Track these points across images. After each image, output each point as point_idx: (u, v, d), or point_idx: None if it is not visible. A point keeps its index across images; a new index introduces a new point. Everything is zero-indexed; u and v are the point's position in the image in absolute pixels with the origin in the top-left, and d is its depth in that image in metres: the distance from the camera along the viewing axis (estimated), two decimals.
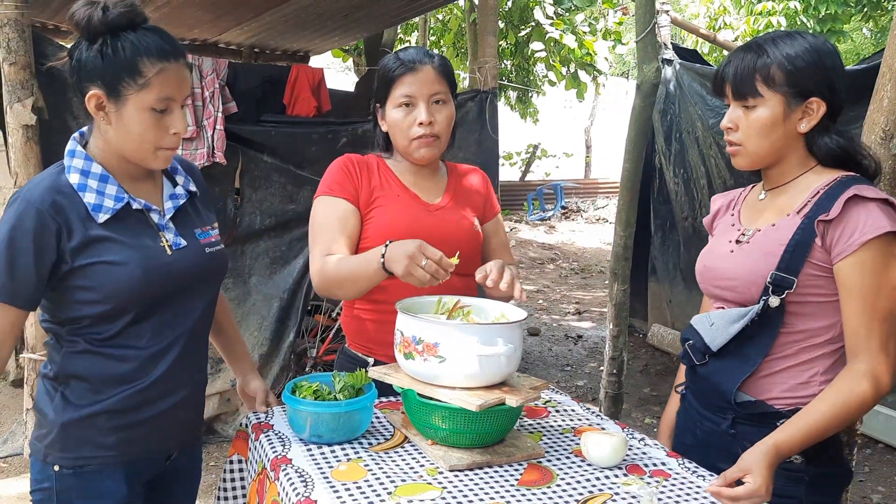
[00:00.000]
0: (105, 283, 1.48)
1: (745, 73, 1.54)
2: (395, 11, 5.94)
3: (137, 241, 1.53)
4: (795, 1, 9.73)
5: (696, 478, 1.49)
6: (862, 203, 1.46)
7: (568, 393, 5.18)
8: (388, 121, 1.89)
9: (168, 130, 1.50)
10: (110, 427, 1.54)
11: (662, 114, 5.77)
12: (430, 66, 1.85)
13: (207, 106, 3.97)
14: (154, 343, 1.56)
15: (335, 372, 1.71)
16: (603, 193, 16.55)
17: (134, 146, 1.50)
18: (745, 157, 1.60)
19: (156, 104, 1.47)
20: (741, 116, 1.58)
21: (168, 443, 1.66)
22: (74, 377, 1.54)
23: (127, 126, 1.48)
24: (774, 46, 1.54)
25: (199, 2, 5.24)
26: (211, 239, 1.68)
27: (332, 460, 1.51)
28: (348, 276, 1.75)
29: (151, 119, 1.47)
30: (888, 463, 4.07)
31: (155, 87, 1.46)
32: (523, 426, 1.73)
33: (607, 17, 10.08)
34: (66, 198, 1.47)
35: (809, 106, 1.53)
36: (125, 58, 1.44)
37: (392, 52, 1.93)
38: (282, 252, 4.23)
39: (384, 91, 1.88)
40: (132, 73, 1.44)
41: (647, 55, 3.26)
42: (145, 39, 1.46)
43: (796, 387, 1.55)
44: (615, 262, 3.56)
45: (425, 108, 1.84)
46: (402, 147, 1.89)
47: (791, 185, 1.60)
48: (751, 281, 1.55)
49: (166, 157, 1.55)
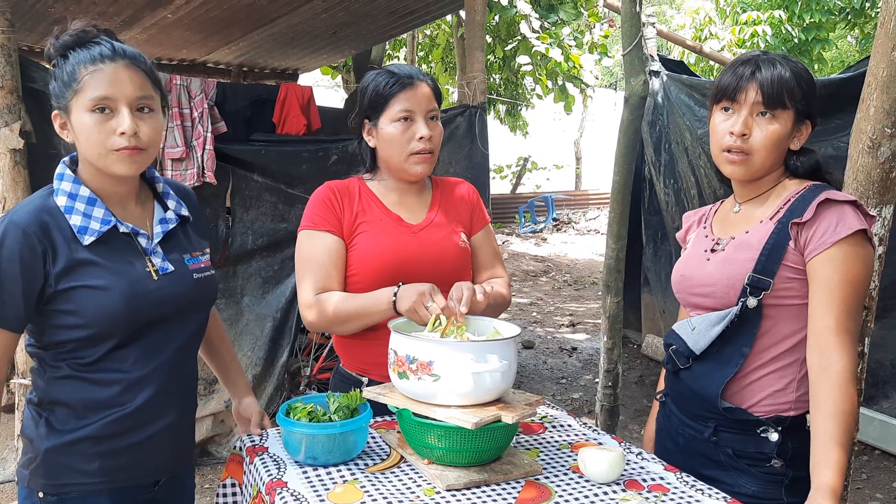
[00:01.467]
0: (88, 307, 1.47)
1: (779, 83, 1.57)
2: (384, 28, 5.97)
3: (122, 265, 1.52)
4: (780, 10, 9.81)
5: (695, 492, 1.48)
6: (834, 205, 1.54)
7: (564, 405, 5.17)
8: (382, 136, 1.88)
9: (115, 131, 1.46)
10: (94, 453, 1.52)
11: (651, 125, 5.79)
12: (425, 83, 1.88)
13: (196, 126, 3.96)
14: (138, 368, 1.54)
15: (329, 393, 1.70)
16: (594, 204, 16.61)
17: (89, 152, 1.49)
18: (749, 167, 1.62)
19: (90, 105, 1.46)
20: (756, 125, 1.59)
21: (155, 469, 1.63)
22: (58, 403, 1.53)
23: (78, 135, 1.48)
24: (788, 64, 1.59)
25: (187, 22, 5.25)
26: (200, 265, 1.66)
27: (328, 482, 1.49)
28: (355, 315, 1.79)
29: (92, 121, 1.46)
30: (885, 470, 4.07)
31: (88, 87, 1.46)
32: (520, 443, 1.72)
33: (593, 30, 10.14)
34: (52, 219, 1.47)
35: (804, 126, 1.62)
36: (67, 71, 1.48)
37: (379, 69, 1.93)
38: (274, 271, 4.21)
39: (378, 107, 1.87)
40: (70, 82, 1.47)
41: (635, 68, 3.27)
42: (85, 50, 1.48)
43: (775, 394, 1.60)
44: (608, 274, 3.56)
45: (424, 124, 1.85)
46: (396, 162, 1.88)
47: (763, 196, 1.66)
48: (728, 285, 1.60)
49: (123, 159, 1.48)
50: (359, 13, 5.32)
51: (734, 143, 1.60)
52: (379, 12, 5.39)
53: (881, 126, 2.01)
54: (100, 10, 4.79)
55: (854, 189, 2.08)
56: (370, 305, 1.77)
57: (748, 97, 1.59)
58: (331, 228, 1.87)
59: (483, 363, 1.48)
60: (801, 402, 1.60)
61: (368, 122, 1.90)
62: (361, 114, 1.92)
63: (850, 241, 1.51)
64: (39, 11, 4.80)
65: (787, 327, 1.59)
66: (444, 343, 1.53)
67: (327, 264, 1.85)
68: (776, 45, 9.76)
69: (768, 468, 1.60)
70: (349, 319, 1.80)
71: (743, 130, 1.59)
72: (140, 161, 1.51)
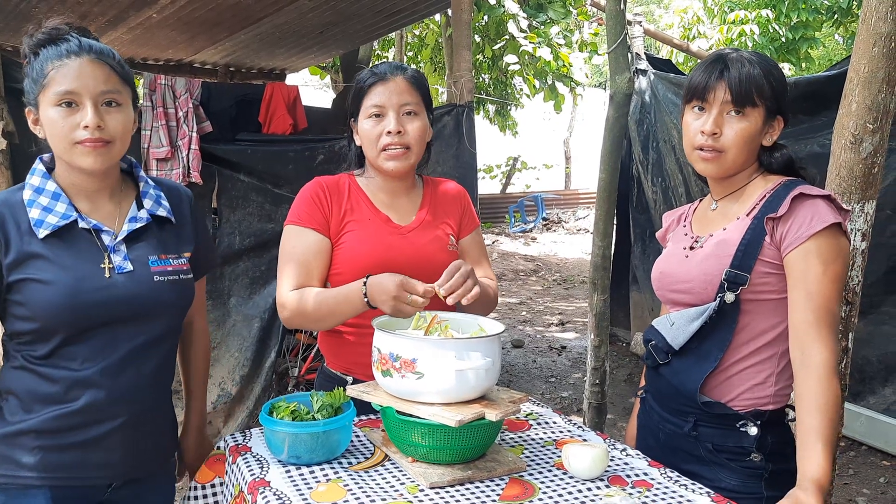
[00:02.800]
0: (32, 301, 1.49)
1: (748, 82, 1.58)
2: (371, 27, 5.96)
3: (74, 261, 1.52)
4: (767, 9, 9.85)
5: (679, 487, 1.49)
6: (808, 199, 1.55)
7: (553, 404, 5.17)
8: (360, 133, 1.88)
9: (79, 125, 1.47)
10: (35, 447, 1.52)
11: (639, 123, 5.81)
12: (401, 76, 1.85)
13: (182, 126, 3.94)
14: (86, 367, 1.52)
15: (313, 391, 1.69)
16: (583, 204, 16.64)
17: (56, 146, 1.50)
18: (722, 164, 1.63)
19: (56, 99, 1.47)
20: (727, 123, 1.61)
21: (104, 471, 1.58)
22: (10, 392, 1.55)
23: (46, 129, 1.50)
24: (757, 61, 1.60)
25: (172, 22, 5.22)
26: (168, 268, 1.61)
27: (312, 481, 1.48)
28: (329, 312, 1.78)
29: (58, 115, 1.47)
30: (872, 465, 4.09)
31: (53, 82, 1.48)
32: (504, 440, 1.72)
33: (582, 28, 10.16)
34: (10, 212, 1.50)
35: (775, 122, 1.64)
36: (36, 68, 1.50)
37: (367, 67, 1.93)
38: (261, 272, 4.19)
39: (356, 103, 1.88)
40: (39, 78, 1.49)
41: (619, 66, 3.28)
42: (53, 47, 1.50)
43: (754, 388, 1.62)
44: (594, 272, 3.57)
45: (395, 118, 1.83)
46: (371, 159, 1.88)
47: (739, 192, 1.68)
48: (706, 281, 1.61)
49: (87, 152, 1.48)
50: (346, 12, 5.31)
51: (706, 141, 1.62)
52: (366, 11, 5.38)
53: (863, 122, 2.02)
54: (84, 11, 4.76)
55: (837, 185, 2.09)
56: (343, 303, 1.75)
57: (717, 96, 1.61)
58: (316, 226, 1.85)
59: (466, 360, 1.48)
60: (779, 395, 1.62)
61: (354, 122, 1.90)
62: (349, 112, 1.92)
63: (825, 234, 1.52)
64: (23, 12, 4.77)
65: (765, 322, 1.60)
66: (427, 340, 1.53)
67: (309, 262, 1.84)
68: (763, 44, 9.80)
69: (748, 462, 1.61)
70: (326, 316, 1.79)
71: (713, 129, 1.61)
72: (105, 154, 1.51)
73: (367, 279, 1.69)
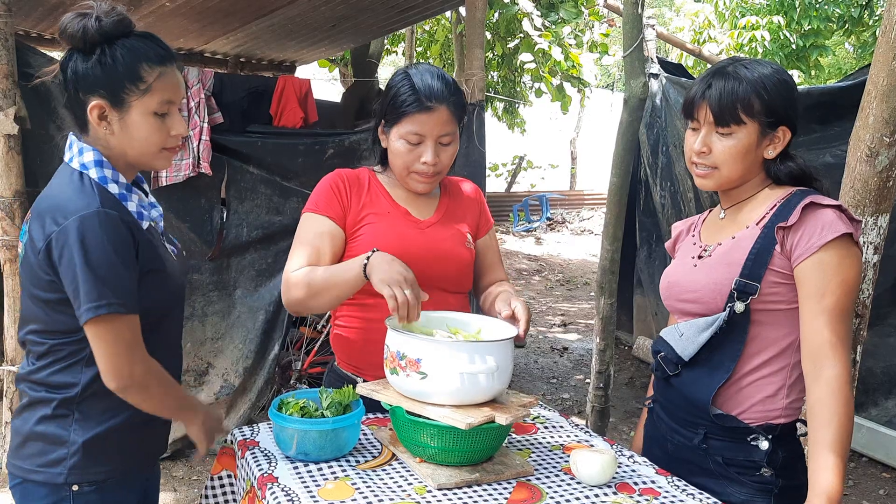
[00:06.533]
0: (152, 291, 1.51)
1: (729, 100, 1.56)
2: (383, 22, 5.94)
3: (162, 249, 1.59)
4: (779, 16, 9.83)
5: (686, 496, 1.48)
6: (818, 209, 1.53)
7: (554, 405, 5.17)
8: (390, 146, 1.84)
9: (169, 132, 1.53)
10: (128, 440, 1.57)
11: (649, 127, 5.79)
12: (445, 107, 1.79)
13: (193, 116, 3.94)
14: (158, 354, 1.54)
15: (322, 388, 1.69)
16: (588, 205, 16.61)
17: (139, 150, 1.52)
18: (716, 180, 1.64)
19: (158, 108, 1.50)
20: (715, 141, 1.60)
21: (158, 452, 1.71)
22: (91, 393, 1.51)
23: (132, 132, 1.50)
24: (750, 74, 1.57)
25: (185, 11, 5.22)
26: (178, 247, 1.73)
27: (319, 478, 1.48)
28: (327, 284, 1.74)
29: (155, 123, 1.51)
30: (872, 477, 4.08)
31: (157, 91, 1.49)
32: (512, 443, 1.72)
33: (593, 29, 10.13)
34: (117, 207, 1.49)
35: (777, 134, 1.60)
36: (126, 65, 1.46)
37: (407, 73, 1.83)
38: (268, 264, 4.19)
39: (393, 116, 1.82)
40: (134, 80, 1.47)
41: (635, 70, 3.27)
42: (142, 45, 1.49)
43: (765, 400, 1.60)
44: (602, 275, 3.56)
45: (432, 150, 1.80)
46: (399, 174, 1.87)
47: (749, 201, 1.66)
48: (715, 291, 1.60)
49: (168, 157, 1.58)
50: (358, 6, 5.29)
51: (698, 159, 1.63)
52: (378, 6, 5.37)
53: (879, 135, 2.01)
54: None
55: (851, 197, 2.09)
56: (341, 271, 1.73)
57: (702, 115, 1.61)
58: (333, 215, 1.85)
59: (471, 363, 1.48)
60: (791, 409, 1.60)
61: (384, 125, 1.87)
62: (381, 113, 1.87)
63: (836, 244, 1.50)
64: None
65: (775, 332, 1.58)
66: (433, 341, 1.53)
67: (320, 248, 1.83)
68: (774, 50, 9.80)
69: (758, 477, 1.59)
70: (322, 290, 1.75)
71: (701, 149, 1.61)
72: None
73: (374, 250, 1.68)
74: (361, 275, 1.66)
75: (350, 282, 1.71)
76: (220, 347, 4.09)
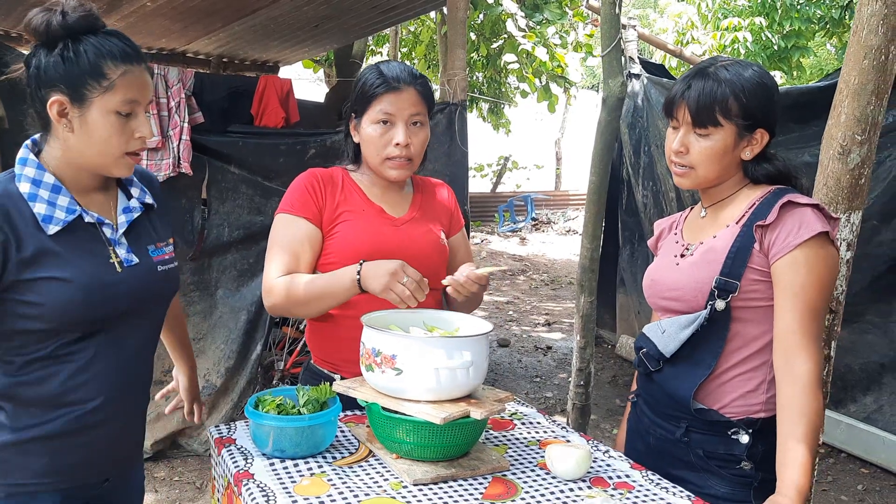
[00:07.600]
0: (49, 299, 1.41)
1: (707, 101, 1.58)
2: (366, 23, 5.95)
3: (85, 257, 1.46)
4: (761, 17, 9.91)
5: (660, 489, 1.50)
6: (796, 208, 1.56)
7: (537, 404, 5.19)
8: (362, 135, 1.87)
9: (133, 134, 1.46)
10: (46, 451, 1.47)
11: (631, 127, 5.83)
12: (413, 87, 1.84)
13: (173, 116, 3.92)
14: (97, 364, 1.49)
15: (299, 386, 1.69)
16: (573, 205, 16.68)
17: (98, 152, 1.45)
18: (693, 179, 1.67)
19: (121, 107, 1.43)
20: (693, 141, 1.63)
21: (107, 467, 1.59)
22: (11, 398, 1.46)
23: (91, 131, 1.43)
24: (729, 76, 1.59)
25: (166, 11, 5.19)
26: (164, 256, 1.61)
27: (296, 475, 1.49)
28: (317, 295, 1.77)
29: (117, 123, 1.43)
30: (851, 472, 4.13)
31: (120, 89, 1.42)
32: (489, 439, 1.73)
33: (577, 29, 10.16)
34: (13, 204, 1.41)
35: (754, 137, 1.62)
36: (88, 61, 1.40)
37: (374, 65, 1.89)
38: (249, 264, 4.18)
39: (362, 104, 1.85)
40: (96, 76, 1.41)
41: (613, 70, 3.29)
42: (107, 42, 1.43)
43: (745, 395, 1.62)
44: (582, 273, 3.58)
45: (403, 130, 1.83)
46: (373, 164, 1.88)
47: (729, 200, 1.69)
48: (696, 288, 1.62)
49: (130, 165, 1.49)
50: (341, 7, 5.29)
51: (676, 158, 1.66)
52: (361, 7, 5.37)
53: (851, 133, 2.03)
54: None
55: (824, 195, 2.11)
56: (333, 284, 1.75)
57: (681, 115, 1.63)
58: (308, 216, 1.85)
59: (446, 359, 1.48)
60: (771, 403, 1.62)
61: (354, 118, 1.90)
62: (350, 108, 1.90)
63: (813, 243, 1.53)
64: None
65: (756, 329, 1.61)
66: (407, 337, 1.54)
67: (298, 251, 1.84)
68: (756, 51, 9.86)
69: (738, 470, 1.61)
70: (311, 300, 1.78)
71: (679, 148, 1.64)
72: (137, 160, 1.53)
73: (363, 262, 1.70)
74: (355, 287, 1.70)
75: (342, 294, 1.75)
76: (202, 348, 4.08)
